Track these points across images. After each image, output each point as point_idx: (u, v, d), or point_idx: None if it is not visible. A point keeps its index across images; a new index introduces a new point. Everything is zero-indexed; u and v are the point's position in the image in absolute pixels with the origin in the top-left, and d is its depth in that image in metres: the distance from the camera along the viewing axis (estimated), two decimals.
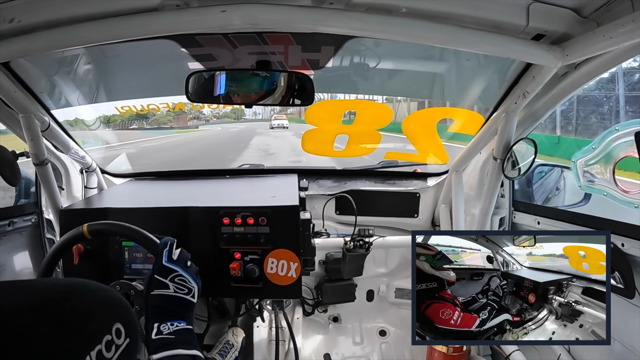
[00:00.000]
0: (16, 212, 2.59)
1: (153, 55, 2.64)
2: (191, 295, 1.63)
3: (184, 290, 1.62)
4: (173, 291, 1.60)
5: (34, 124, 2.24)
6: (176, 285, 1.61)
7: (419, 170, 3.60)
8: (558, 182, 3.67)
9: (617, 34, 1.48)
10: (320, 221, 3.13)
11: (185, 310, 1.60)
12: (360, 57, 2.75)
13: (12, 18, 1.61)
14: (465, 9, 1.67)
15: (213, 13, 1.56)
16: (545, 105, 2.34)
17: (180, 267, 1.65)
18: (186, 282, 1.63)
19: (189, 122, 30.81)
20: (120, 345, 0.78)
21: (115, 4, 1.60)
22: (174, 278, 1.61)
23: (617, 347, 2.12)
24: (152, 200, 2.60)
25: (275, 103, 2.22)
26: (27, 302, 0.70)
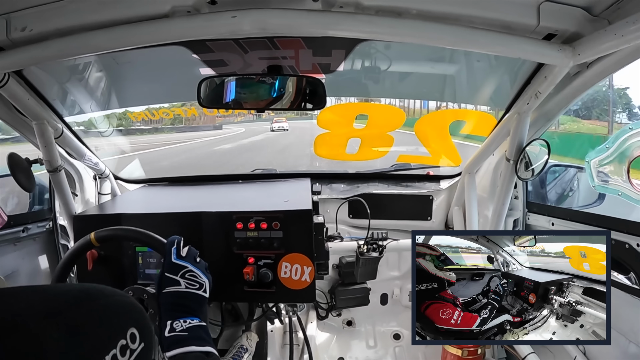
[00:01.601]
0: (30, 219, 2.61)
1: (164, 62, 2.66)
2: (203, 290, 1.64)
3: (195, 285, 1.63)
4: (184, 287, 1.61)
5: (48, 131, 2.26)
6: (187, 281, 1.62)
7: (431, 172, 3.59)
8: (572, 182, 3.64)
9: (629, 31, 1.47)
10: (334, 225, 3.12)
11: (198, 306, 1.60)
12: (371, 60, 2.75)
13: (25, 26, 1.62)
14: (475, 10, 1.66)
15: (223, 19, 1.57)
16: (557, 105, 2.32)
17: (189, 262, 1.66)
18: (197, 277, 1.64)
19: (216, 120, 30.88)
20: (135, 350, 0.78)
21: (126, 11, 1.61)
22: (184, 274, 1.62)
23: (633, 348, 2.09)
24: (165, 205, 2.61)
25: (286, 107, 2.22)
26: (42, 307, 0.70)
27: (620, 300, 2.05)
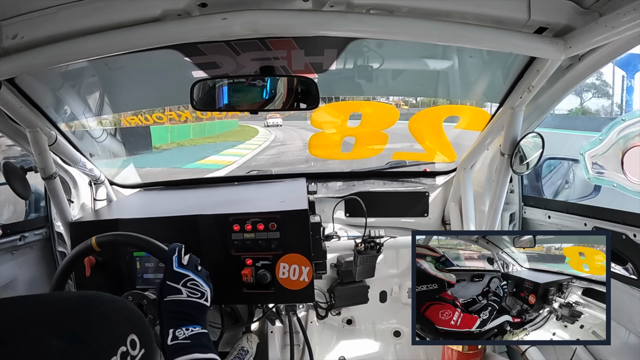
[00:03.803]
0: (27, 227, 2.60)
1: (157, 66, 2.65)
2: (204, 299, 1.64)
3: (197, 294, 1.62)
4: (186, 296, 1.60)
5: (41, 139, 2.25)
6: (189, 289, 1.61)
7: (427, 169, 3.59)
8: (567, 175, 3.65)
9: (620, 23, 1.48)
10: (331, 224, 3.12)
11: (200, 314, 1.60)
12: (363, 59, 2.75)
13: (16, 34, 1.62)
14: (466, 5, 1.66)
15: (214, 21, 1.57)
16: (550, 98, 2.33)
17: (191, 271, 1.65)
18: (198, 286, 1.64)
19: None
20: (135, 356, 0.78)
21: (117, 16, 1.60)
22: (186, 283, 1.62)
23: (633, 339, 2.10)
24: (162, 209, 2.61)
25: (279, 108, 2.22)
26: (41, 316, 0.70)
27: (619, 291, 2.06)
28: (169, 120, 20.69)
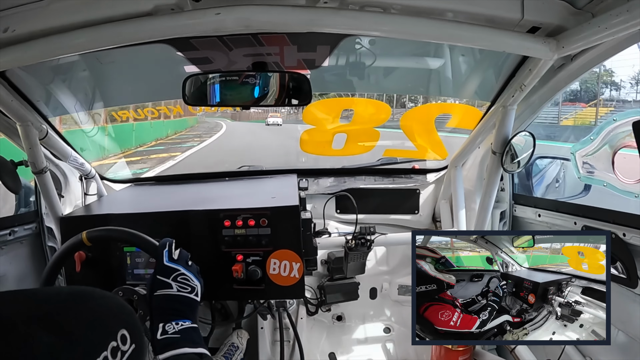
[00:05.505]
0: (17, 221, 2.58)
1: (149, 60, 2.64)
2: (195, 294, 1.64)
3: (187, 289, 1.62)
4: (176, 290, 1.60)
5: (32, 133, 2.24)
6: (179, 284, 1.61)
7: (417, 166, 3.60)
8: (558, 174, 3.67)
9: (612, 24, 1.48)
10: (321, 220, 3.12)
11: (190, 309, 1.60)
12: (356, 56, 2.76)
13: (7, 27, 1.60)
14: (459, 4, 1.67)
15: (207, 16, 1.56)
16: (542, 97, 2.34)
17: (181, 266, 1.65)
18: (189, 281, 1.64)
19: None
20: (125, 352, 0.78)
21: (109, 10, 1.59)
22: (176, 277, 1.62)
23: (621, 337, 2.12)
24: (152, 205, 2.59)
25: (271, 104, 2.21)
26: (31, 311, 0.70)
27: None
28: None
